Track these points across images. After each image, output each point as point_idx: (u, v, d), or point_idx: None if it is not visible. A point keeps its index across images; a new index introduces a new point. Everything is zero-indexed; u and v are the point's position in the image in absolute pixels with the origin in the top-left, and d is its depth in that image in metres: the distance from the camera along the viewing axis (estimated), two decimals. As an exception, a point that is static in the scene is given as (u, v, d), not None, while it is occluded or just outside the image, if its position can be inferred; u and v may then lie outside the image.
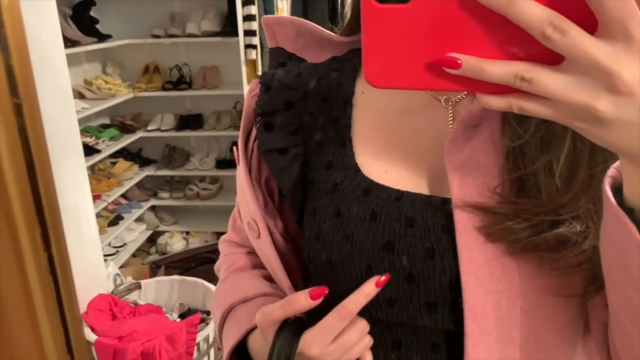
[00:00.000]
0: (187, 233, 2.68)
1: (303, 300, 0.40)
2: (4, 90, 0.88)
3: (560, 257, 0.37)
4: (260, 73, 2.26)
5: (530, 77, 0.25)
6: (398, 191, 0.43)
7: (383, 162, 0.45)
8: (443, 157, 0.40)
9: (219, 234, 2.69)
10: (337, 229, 0.43)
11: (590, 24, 0.24)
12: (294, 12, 2.13)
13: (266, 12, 2.12)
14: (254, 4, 2.08)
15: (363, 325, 0.41)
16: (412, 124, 0.45)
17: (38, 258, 0.77)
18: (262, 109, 0.49)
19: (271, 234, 0.47)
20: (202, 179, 2.76)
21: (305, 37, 0.51)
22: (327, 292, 0.40)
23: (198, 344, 1.47)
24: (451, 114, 0.44)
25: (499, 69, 0.25)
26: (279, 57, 0.52)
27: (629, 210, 0.28)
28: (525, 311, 0.39)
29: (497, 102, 0.27)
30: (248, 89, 0.51)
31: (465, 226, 0.39)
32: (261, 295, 0.49)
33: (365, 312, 0.40)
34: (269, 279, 0.52)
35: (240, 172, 0.48)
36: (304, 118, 0.49)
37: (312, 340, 0.39)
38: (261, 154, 0.49)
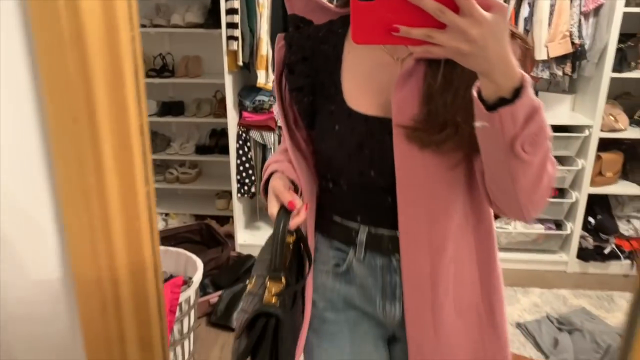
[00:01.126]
0: (167, 215, 2.83)
1: (287, 200, 0.74)
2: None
3: (449, 145, 0.71)
4: (241, 63, 2.42)
5: (432, 35, 0.54)
6: (366, 115, 0.77)
7: (359, 97, 0.79)
8: (392, 93, 0.73)
9: (198, 217, 2.83)
10: (332, 136, 0.79)
11: (456, 8, 0.52)
12: (274, 3, 2.29)
13: (248, 6, 2.29)
14: (236, -2, 2.24)
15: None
16: (377, 74, 0.78)
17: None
18: (287, 60, 0.82)
19: (295, 137, 0.85)
20: (182, 163, 2.90)
21: (310, 4, 0.85)
22: (294, 207, 0.73)
23: (180, 304, 1.64)
24: (396, 66, 0.77)
25: (418, 32, 0.54)
26: (295, 21, 0.85)
27: (484, 102, 0.59)
28: (431, 177, 0.75)
29: (418, 50, 0.56)
30: (276, 42, 0.85)
31: (398, 133, 0.73)
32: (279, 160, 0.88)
33: (344, 179, 0.80)
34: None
35: (277, 94, 0.85)
36: (313, 68, 0.82)
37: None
38: (289, 91, 0.83)
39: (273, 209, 0.76)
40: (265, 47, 2.37)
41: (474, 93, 0.59)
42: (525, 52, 0.73)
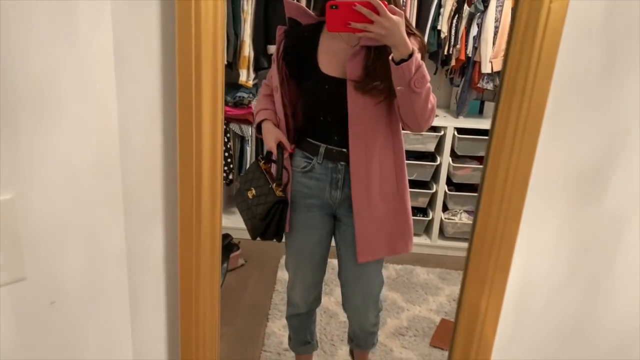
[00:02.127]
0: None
1: (288, 147, 1.52)
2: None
3: (377, 90, 1.35)
4: (225, 62, 2.71)
5: (366, 27, 1.19)
6: (332, 76, 1.43)
7: (327, 66, 1.44)
8: (347, 64, 1.38)
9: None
10: (311, 88, 1.48)
11: (378, 13, 1.18)
12: (257, 11, 2.61)
13: (234, 12, 2.60)
14: (224, 3, 2.55)
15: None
16: (338, 53, 1.41)
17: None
18: (285, 45, 1.46)
19: (283, 92, 1.48)
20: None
21: (298, 10, 1.48)
22: (291, 150, 1.49)
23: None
24: (350, 49, 1.39)
25: (359, 25, 1.19)
26: (290, 21, 1.47)
27: (394, 62, 1.26)
28: (367, 111, 1.41)
29: (361, 36, 1.26)
30: (277, 31, 1.49)
31: (350, 85, 1.38)
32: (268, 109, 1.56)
33: (316, 114, 1.51)
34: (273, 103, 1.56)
35: (274, 68, 1.47)
36: (298, 49, 1.46)
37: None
38: (284, 62, 1.46)
39: (272, 144, 1.50)
40: (247, 49, 2.68)
41: (390, 58, 1.26)
42: (422, 43, 1.40)
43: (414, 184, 2.90)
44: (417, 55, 1.25)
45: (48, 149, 0.77)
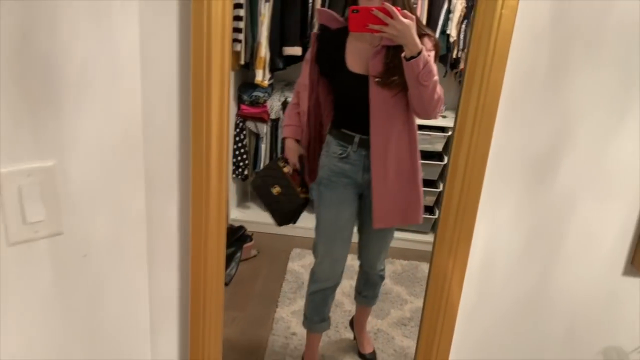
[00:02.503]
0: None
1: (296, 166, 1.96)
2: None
3: (394, 84, 1.61)
4: (242, 62, 2.90)
5: (382, 28, 1.45)
6: (357, 73, 1.70)
7: (353, 64, 1.71)
8: (369, 62, 1.63)
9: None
10: (341, 84, 1.78)
11: (391, 17, 1.44)
12: (273, 14, 2.78)
13: (251, 15, 2.78)
14: (242, 7, 2.73)
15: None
16: (362, 52, 1.68)
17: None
18: (317, 48, 1.76)
19: (316, 90, 1.82)
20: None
21: (329, 17, 1.76)
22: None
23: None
24: (372, 49, 1.64)
25: (376, 27, 1.45)
26: (321, 28, 1.77)
27: (406, 58, 1.52)
28: (387, 102, 1.66)
29: (381, 36, 1.52)
30: (312, 36, 1.81)
31: (372, 81, 1.64)
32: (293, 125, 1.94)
33: (345, 106, 1.82)
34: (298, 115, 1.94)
35: (306, 68, 1.81)
36: (329, 53, 1.75)
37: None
38: (317, 63, 1.78)
39: (294, 160, 1.91)
40: (263, 50, 2.86)
41: (402, 55, 1.51)
42: (435, 42, 1.64)
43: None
44: (425, 53, 1.50)
45: (84, 126, 0.95)
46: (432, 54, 1.58)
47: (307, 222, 2.14)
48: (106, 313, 1.08)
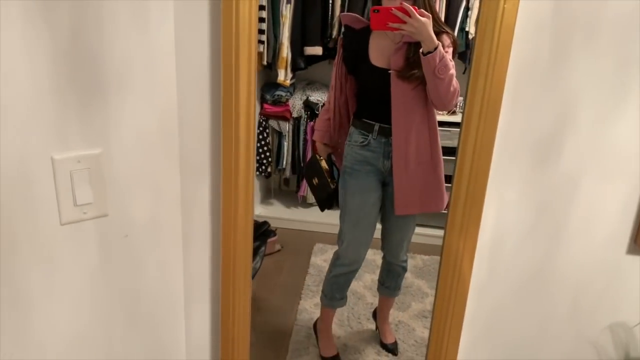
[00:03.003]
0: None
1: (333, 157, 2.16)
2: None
3: (414, 77, 1.74)
4: (265, 63, 3.02)
5: (401, 26, 1.57)
6: (381, 68, 1.83)
7: (376, 59, 1.86)
8: (391, 57, 1.76)
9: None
10: (365, 77, 1.94)
11: (409, 15, 1.56)
12: (295, 15, 2.89)
13: (274, 16, 2.89)
14: (264, 9, 2.85)
15: None
16: (384, 49, 1.83)
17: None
18: (343, 48, 1.96)
19: (344, 87, 2.00)
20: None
21: (352, 18, 1.94)
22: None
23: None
24: (394, 45, 1.78)
25: (395, 25, 1.57)
26: (346, 29, 1.95)
27: (423, 53, 1.65)
28: (407, 94, 1.79)
29: (401, 34, 1.67)
30: (340, 38, 2.07)
31: (393, 74, 1.78)
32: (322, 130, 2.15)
33: (368, 98, 1.98)
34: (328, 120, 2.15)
35: (335, 70, 2.00)
36: (355, 51, 1.91)
37: None
38: (344, 62, 1.96)
39: (324, 156, 2.14)
40: (285, 51, 2.97)
41: (420, 51, 1.63)
42: (453, 38, 1.77)
43: (442, 178, 3.12)
44: (441, 49, 1.64)
45: (126, 116, 1.07)
46: (450, 50, 1.72)
47: (328, 218, 2.29)
48: (144, 287, 1.20)
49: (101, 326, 1.16)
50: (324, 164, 2.15)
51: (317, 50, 2.90)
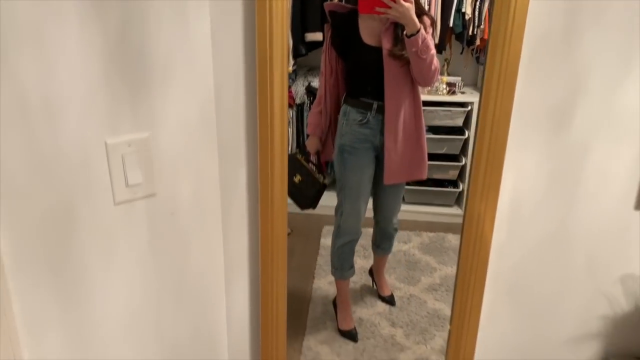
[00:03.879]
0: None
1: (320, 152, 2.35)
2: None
3: (402, 56, 1.94)
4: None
5: (386, 10, 1.83)
6: (371, 45, 2.02)
7: (367, 38, 2.03)
8: (382, 36, 1.96)
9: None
10: (357, 56, 2.08)
11: (394, 2, 1.55)
12: (295, 2, 2.94)
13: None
14: None
15: None
16: (375, 28, 2.01)
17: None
18: (331, 33, 2.09)
19: (335, 72, 2.15)
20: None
21: (336, 5, 2.20)
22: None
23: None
24: (383, 26, 1.98)
25: (381, 9, 1.83)
26: (333, 15, 2.09)
27: (407, 35, 1.89)
28: (397, 72, 1.99)
29: (387, 16, 1.86)
30: (325, 26, 2.15)
31: (385, 53, 1.97)
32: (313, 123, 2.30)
33: (362, 77, 2.13)
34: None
35: (324, 55, 2.15)
36: (344, 32, 2.07)
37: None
38: (333, 46, 2.10)
39: (313, 151, 2.25)
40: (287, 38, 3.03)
41: (404, 33, 1.86)
42: (431, 19, 1.99)
43: (444, 157, 3.21)
44: (423, 32, 1.84)
45: (170, 104, 1.15)
46: (431, 30, 1.95)
47: (335, 202, 2.38)
48: (188, 263, 1.29)
49: (151, 302, 1.25)
50: (304, 161, 2.23)
51: (318, 36, 2.96)
